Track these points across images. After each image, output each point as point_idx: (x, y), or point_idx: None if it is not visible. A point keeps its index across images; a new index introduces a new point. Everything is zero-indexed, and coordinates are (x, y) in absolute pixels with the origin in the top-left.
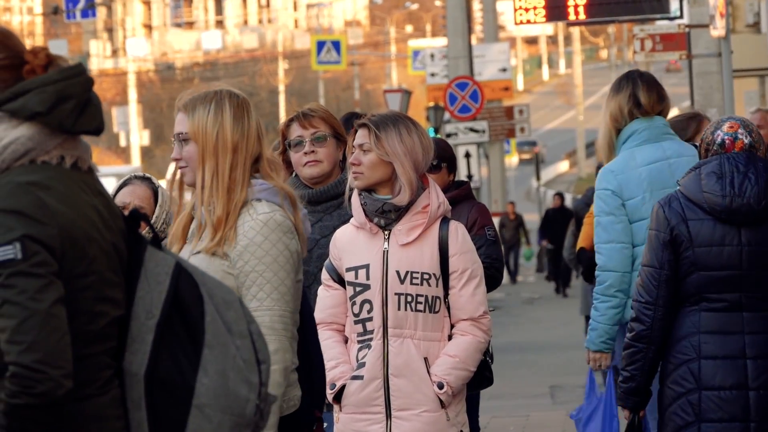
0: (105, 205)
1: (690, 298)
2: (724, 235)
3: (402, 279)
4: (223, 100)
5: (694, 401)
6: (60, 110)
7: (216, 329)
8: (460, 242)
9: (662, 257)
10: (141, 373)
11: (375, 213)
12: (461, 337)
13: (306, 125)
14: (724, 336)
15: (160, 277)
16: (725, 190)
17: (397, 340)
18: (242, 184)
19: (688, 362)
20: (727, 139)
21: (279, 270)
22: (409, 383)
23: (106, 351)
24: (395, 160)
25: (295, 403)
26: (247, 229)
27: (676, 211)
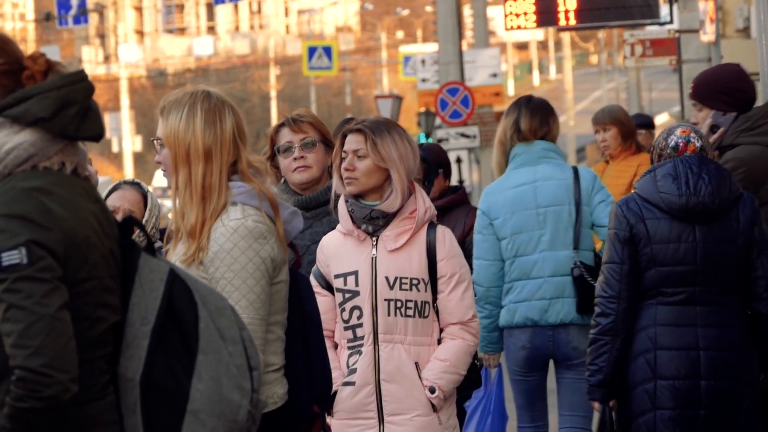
0: (102, 211)
1: (647, 292)
2: (680, 232)
3: (391, 285)
4: (196, 105)
5: (650, 390)
6: (63, 116)
7: (210, 335)
8: (447, 247)
9: (623, 253)
10: (136, 379)
11: (363, 219)
12: (451, 341)
13: (295, 130)
14: (678, 328)
15: (154, 283)
16: (681, 189)
17: (388, 346)
18: (219, 190)
19: (645, 353)
20: (681, 143)
21: (248, 277)
22: (400, 388)
23: (103, 356)
24: (392, 166)
25: (276, 401)
26: (218, 235)
27: (634, 211)
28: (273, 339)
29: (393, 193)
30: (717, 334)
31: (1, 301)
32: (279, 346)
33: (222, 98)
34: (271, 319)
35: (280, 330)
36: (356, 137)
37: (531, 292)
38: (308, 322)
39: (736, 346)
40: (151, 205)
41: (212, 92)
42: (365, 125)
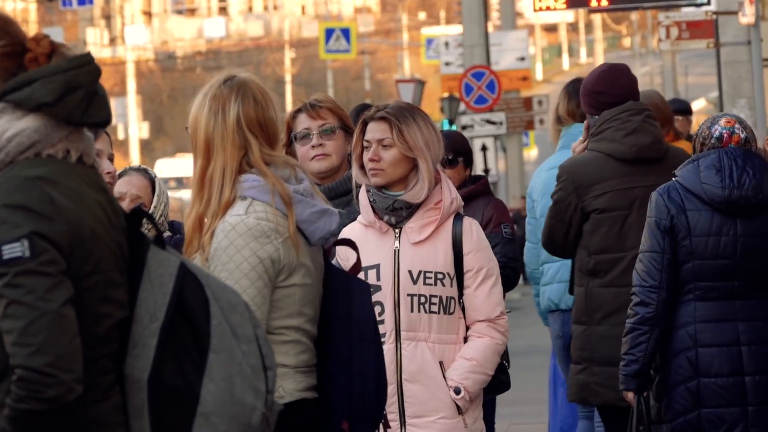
0: (108, 201)
1: (685, 286)
2: (721, 225)
3: (415, 279)
4: (209, 92)
5: (692, 389)
6: (68, 101)
7: (222, 333)
8: (474, 239)
9: (664, 242)
10: (144, 379)
11: (385, 210)
12: (478, 340)
13: (313, 116)
14: (718, 324)
15: (163, 278)
16: (725, 182)
17: (411, 344)
18: (222, 184)
19: (686, 351)
20: (725, 134)
21: (241, 278)
22: (424, 389)
23: (108, 354)
24: (419, 155)
25: (281, 395)
26: (218, 232)
27: (676, 201)
28: (283, 341)
29: (419, 183)
30: (758, 327)
31: (2, 297)
32: (292, 348)
33: (237, 84)
34: (280, 324)
35: (297, 334)
36: (380, 125)
37: (552, 275)
38: (354, 334)
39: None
40: (159, 192)
41: (235, 77)
42: (389, 112)
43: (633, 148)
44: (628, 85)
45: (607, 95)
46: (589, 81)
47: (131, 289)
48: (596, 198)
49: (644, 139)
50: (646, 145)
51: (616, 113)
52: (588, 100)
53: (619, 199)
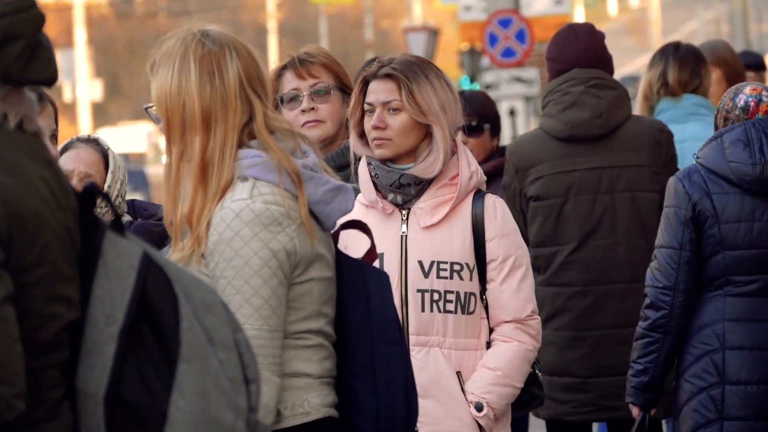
0: (55, 178)
1: (714, 281)
2: (754, 209)
3: (426, 272)
4: (187, 54)
5: (716, 396)
6: (4, 54)
7: (194, 339)
8: (499, 222)
9: (682, 237)
10: (100, 395)
11: (390, 188)
12: (504, 345)
13: (303, 75)
14: (751, 324)
15: (123, 271)
16: (755, 158)
17: (422, 350)
18: (221, 163)
19: (711, 353)
20: (752, 102)
21: (251, 276)
22: (438, 405)
23: (57, 364)
24: (434, 121)
25: (307, 411)
26: (218, 221)
27: (698, 185)
28: (304, 346)
29: (432, 154)
30: None
31: None
32: (315, 354)
33: (221, 38)
34: (299, 327)
35: (319, 338)
36: (386, 85)
37: None
38: (376, 335)
39: None
40: (114, 167)
41: (210, 32)
42: (396, 68)
43: (567, 125)
44: (580, 50)
45: (557, 62)
46: (547, 46)
47: (84, 285)
48: (532, 183)
49: (581, 114)
50: (583, 122)
51: (557, 84)
52: (547, 68)
53: (554, 185)
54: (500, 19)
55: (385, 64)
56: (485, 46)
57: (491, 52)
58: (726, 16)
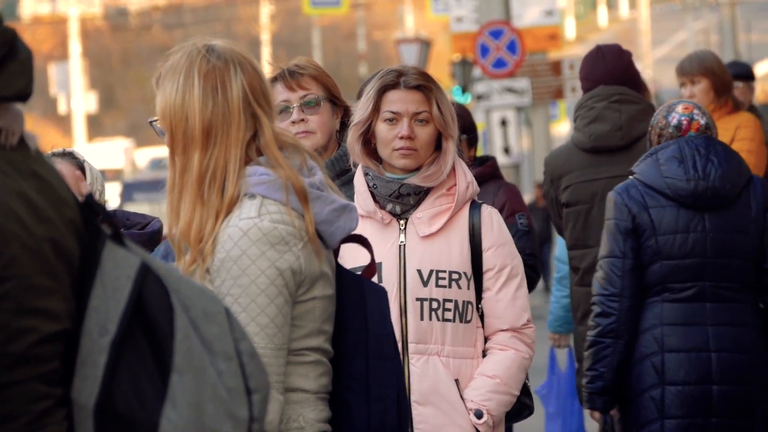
0: (41, 189)
1: (652, 288)
2: (688, 221)
3: (425, 280)
4: (192, 68)
5: (656, 397)
6: None
7: (189, 350)
8: (496, 232)
9: (624, 246)
10: (90, 406)
11: (389, 197)
12: (500, 353)
13: (293, 86)
14: (687, 328)
15: (119, 281)
16: (689, 173)
17: (421, 358)
18: (225, 178)
19: (651, 356)
20: (684, 120)
21: (258, 295)
22: (438, 412)
23: (40, 377)
24: (451, 132)
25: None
26: (225, 238)
27: (636, 199)
28: (302, 362)
29: (435, 164)
30: (730, 333)
31: None
32: (312, 370)
33: (226, 54)
34: (299, 345)
35: (317, 354)
36: (414, 95)
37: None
38: (371, 351)
39: (750, 347)
40: (92, 179)
41: (215, 47)
42: (421, 80)
43: (591, 137)
44: (606, 70)
45: (587, 81)
46: (581, 66)
47: (82, 295)
48: (564, 191)
49: (602, 128)
50: (604, 134)
51: (585, 100)
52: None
53: (581, 193)
54: (492, 30)
55: (404, 73)
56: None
57: (483, 62)
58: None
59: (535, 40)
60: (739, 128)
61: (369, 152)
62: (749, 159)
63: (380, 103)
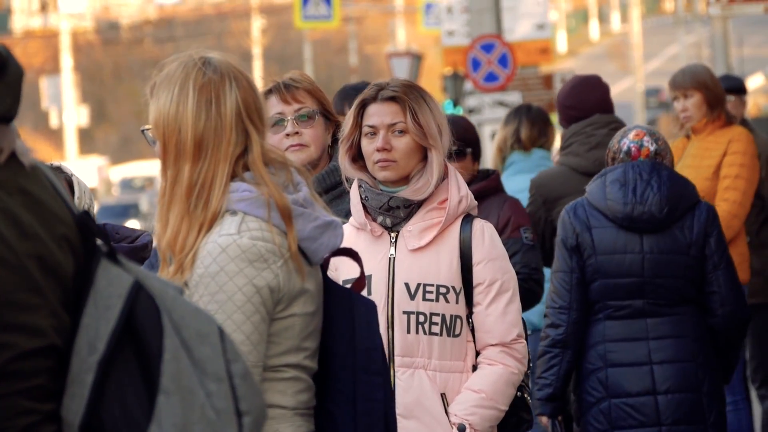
0: (28, 205)
1: (594, 305)
2: (626, 242)
3: (412, 294)
4: (188, 81)
5: (605, 410)
6: None
7: (177, 371)
8: (487, 246)
9: (571, 261)
10: (76, 424)
11: (379, 210)
12: (489, 368)
13: (288, 100)
14: (629, 343)
15: (111, 300)
16: (627, 197)
17: (407, 372)
18: (211, 192)
19: (596, 371)
20: (633, 147)
21: (234, 312)
22: (421, 425)
23: (22, 392)
24: (433, 144)
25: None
26: (204, 254)
27: (581, 219)
28: (280, 378)
29: (424, 177)
30: (669, 345)
31: None
32: (290, 387)
33: (223, 67)
34: (277, 362)
35: (296, 371)
36: (389, 107)
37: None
38: (359, 365)
39: (691, 357)
40: (80, 193)
41: (212, 59)
42: (397, 91)
43: (595, 162)
44: (598, 99)
45: (576, 109)
46: (561, 95)
47: (77, 313)
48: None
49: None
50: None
51: (582, 127)
52: (560, 113)
53: None
54: (483, 44)
55: (383, 87)
56: (468, 71)
57: (474, 76)
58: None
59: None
60: (731, 142)
61: (363, 166)
62: (742, 172)
63: (361, 117)
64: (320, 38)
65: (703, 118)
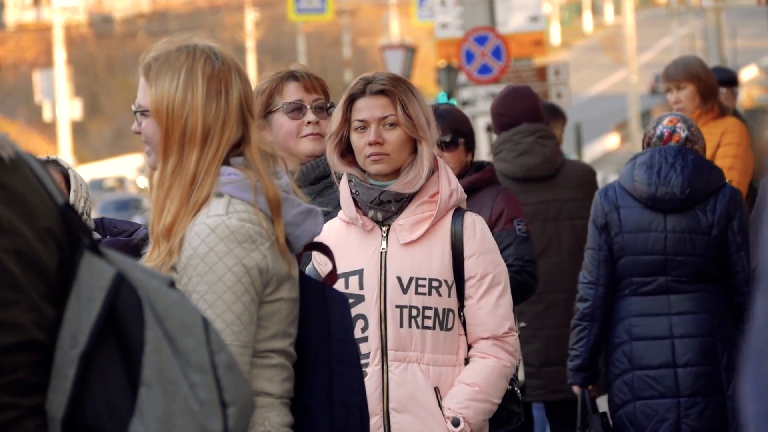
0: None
1: (621, 281)
2: (650, 221)
3: (405, 287)
4: (195, 69)
5: (628, 381)
6: None
7: (158, 363)
8: (478, 239)
9: (600, 239)
10: (59, 418)
11: (370, 204)
12: (481, 361)
13: (308, 88)
14: (652, 318)
15: (93, 293)
16: (652, 179)
17: (400, 366)
18: (205, 177)
19: (622, 345)
20: (666, 132)
21: (225, 292)
22: (415, 420)
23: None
24: (423, 136)
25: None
26: (193, 236)
27: (611, 199)
28: (268, 365)
29: (414, 170)
30: (690, 320)
31: None
32: (277, 374)
33: (227, 58)
34: (264, 346)
35: (281, 357)
36: (379, 100)
37: None
38: (334, 357)
39: (710, 331)
40: (76, 186)
41: (215, 49)
42: (385, 84)
43: (522, 168)
44: (527, 108)
45: (507, 116)
46: (494, 103)
47: (61, 307)
48: None
49: (533, 160)
50: (536, 165)
51: (510, 135)
52: (493, 121)
53: None
54: (477, 37)
55: (370, 80)
56: (462, 63)
57: (468, 68)
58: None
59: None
60: (725, 133)
61: (353, 161)
62: (735, 163)
63: (350, 112)
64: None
65: (696, 110)
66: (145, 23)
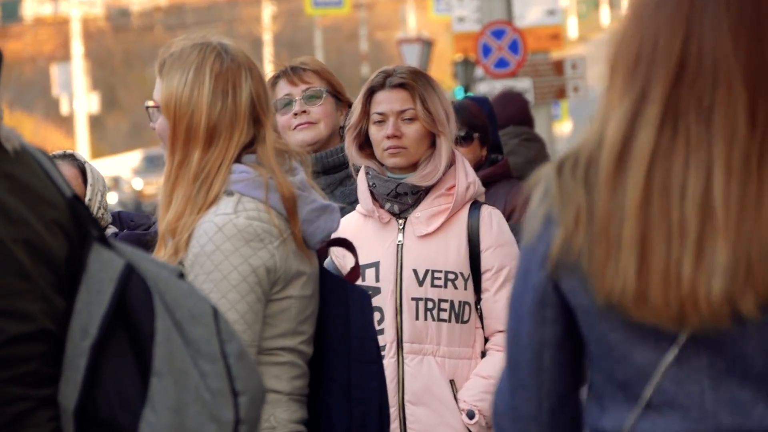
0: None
1: None
2: None
3: (421, 280)
4: (204, 66)
5: None
6: None
7: (169, 353)
8: (495, 232)
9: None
10: (71, 409)
11: (387, 197)
12: (497, 354)
13: (295, 81)
14: None
15: (102, 284)
16: None
17: (416, 358)
18: (215, 176)
19: None
20: None
21: (229, 291)
22: (430, 412)
23: (13, 379)
24: (442, 130)
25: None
26: (200, 233)
27: None
28: (275, 362)
29: (432, 163)
30: None
31: None
32: (286, 372)
33: (239, 56)
34: (272, 344)
35: (292, 355)
36: (398, 94)
37: None
38: (354, 354)
39: None
40: (93, 180)
41: (228, 47)
42: (405, 77)
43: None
44: (514, 112)
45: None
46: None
47: (71, 298)
48: None
49: (516, 161)
50: (518, 166)
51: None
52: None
53: None
54: (494, 30)
55: (390, 73)
56: (479, 57)
57: (485, 62)
58: None
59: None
60: None
61: (371, 154)
62: None
63: (369, 105)
64: (331, 25)
65: None
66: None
